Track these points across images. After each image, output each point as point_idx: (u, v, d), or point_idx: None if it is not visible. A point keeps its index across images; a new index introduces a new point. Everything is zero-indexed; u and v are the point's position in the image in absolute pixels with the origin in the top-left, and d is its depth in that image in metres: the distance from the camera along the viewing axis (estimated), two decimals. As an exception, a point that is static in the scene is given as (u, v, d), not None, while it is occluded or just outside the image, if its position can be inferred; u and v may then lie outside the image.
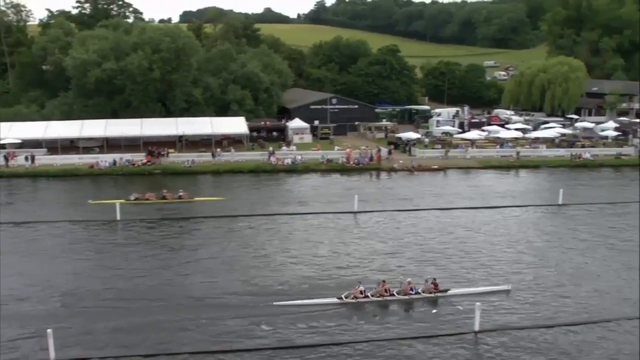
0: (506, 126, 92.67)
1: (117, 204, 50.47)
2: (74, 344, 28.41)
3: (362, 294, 33.62)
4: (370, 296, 33.69)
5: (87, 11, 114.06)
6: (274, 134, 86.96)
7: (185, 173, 68.92)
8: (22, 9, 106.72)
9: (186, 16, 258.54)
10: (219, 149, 75.18)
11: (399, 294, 33.94)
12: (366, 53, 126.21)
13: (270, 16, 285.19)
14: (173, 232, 47.06)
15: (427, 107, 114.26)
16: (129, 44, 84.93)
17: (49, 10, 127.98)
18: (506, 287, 35.55)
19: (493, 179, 68.43)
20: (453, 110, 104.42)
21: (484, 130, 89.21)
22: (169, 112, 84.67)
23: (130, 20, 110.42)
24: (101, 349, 28.12)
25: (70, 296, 33.81)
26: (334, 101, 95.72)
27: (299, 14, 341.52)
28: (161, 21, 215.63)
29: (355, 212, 52.15)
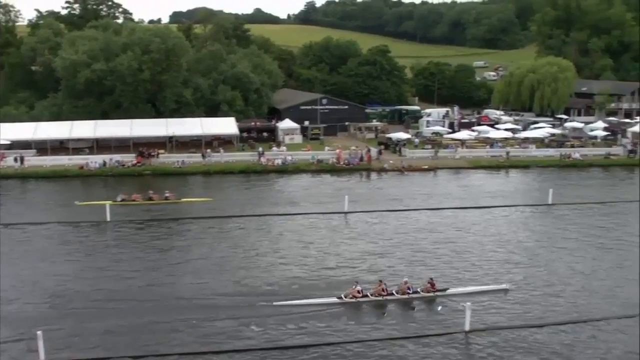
0: (496, 126, 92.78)
1: (107, 205, 50.33)
2: (63, 345, 28.32)
3: (360, 293, 33.68)
4: (370, 295, 33.78)
5: (76, 12, 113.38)
6: (264, 134, 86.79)
7: (176, 174, 68.76)
8: (10, 9, 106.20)
9: (176, 17, 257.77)
10: (209, 149, 75.02)
11: (397, 294, 34.04)
12: (356, 53, 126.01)
13: (260, 17, 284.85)
14: (163, 233, 47.00)
15: (417, 108, 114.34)
16: (118, 44, 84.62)
17: (37, 10, 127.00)
18: (505, 286, 35.79)
19: (483, 179, 68.62)
20: (443, 110, 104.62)
21: (473, 131, 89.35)
22: (159, 113, 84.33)
23: (120, 21, 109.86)
24: (91, 350, 28.06)
25: (60, 298, 33.73)
26: (324, 102, 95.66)
27: (289, 15, 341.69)
28: (151, 22, 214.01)
29: (346, 213, 52.19)
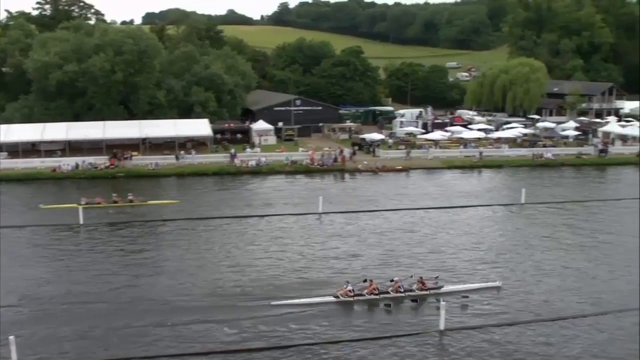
0: (469, 126, 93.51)
1: (80, 208, 49.99)
2: (36, 350, 28.11)
3: (351, 292, 33.78)
4: (366, 294, 33.92)
5: (47, 12, 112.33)
6: (238, 136, 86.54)
7: (149, 176, 68.36)
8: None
9: (149, 18, 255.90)
10: (182, 151, 74.73)
11: (392, 292, 34.22)
12: (330, 54, 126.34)
13: (233, 18, 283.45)
14: (136, 235, 46.77)
15: (390, 108, 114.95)
16: (90, 46, 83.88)
17: (7, 11, 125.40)
18: (497, 283, 36.22)
19: (457, 179, 69.10)
20: (416, 111, 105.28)
21: (447, 131, 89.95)
22: (131, 115, 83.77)
23: (92, 22, 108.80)
24: (65, 354, 27.90)
25: (33, 302, 33.40)
26: (298, 103, 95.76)
27: (262, 16, 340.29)
28: (123, 23, 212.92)
29: (320, 213, 52.29)
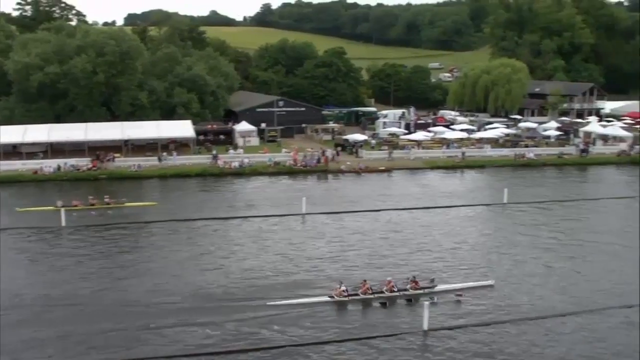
0: (451, 127, 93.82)
1: (63, 210, 49.72)
2: (19, 354, 27.92)
3: (345, 292, 33.86)
4: (361, 294, 33.98)
5: (28, 13, 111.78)
6: (221, 137, 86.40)
7: (132, 178, 68.08)
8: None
9: (131, 19, 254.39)
10: (165, 153, 74.47)
11: (386, 292, 34.31)
12: (312, 55, 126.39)
13: (215, 19, 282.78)
14: (119, 237, 46.44)
15: (373, 109, 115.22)
16: (72, 47, 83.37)
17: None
18: (490, 282, 36.41)
19: (439, 179, 69.39)
20: (399, 111, 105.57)
21: (429, 131, 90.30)
22: (114, 116, 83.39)
23: (74, 23, 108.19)
24: (47, 358, 27.74)
25: (14, 305, 33.09)
26: (281, 104, 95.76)
27: (245, 17, 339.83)
28: (105, 24, 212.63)
29: (304, 214, 52.32)
